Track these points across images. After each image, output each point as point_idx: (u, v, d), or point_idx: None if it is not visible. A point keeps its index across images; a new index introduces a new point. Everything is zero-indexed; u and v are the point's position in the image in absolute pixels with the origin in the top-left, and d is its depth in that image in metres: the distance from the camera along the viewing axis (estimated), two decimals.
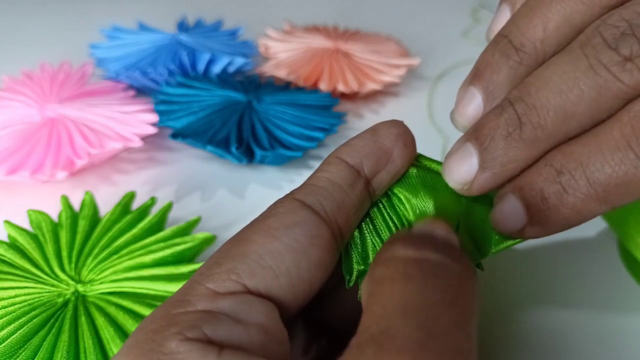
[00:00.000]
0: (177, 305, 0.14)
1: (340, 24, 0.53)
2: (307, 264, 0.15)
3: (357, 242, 0.18)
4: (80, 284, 0.24)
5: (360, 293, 0.16)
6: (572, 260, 0.29)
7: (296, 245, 0.15)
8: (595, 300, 0.27)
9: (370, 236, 0.18)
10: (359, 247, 0.18)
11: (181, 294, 0.15)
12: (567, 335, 0.25)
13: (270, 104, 0.37)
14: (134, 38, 0.45)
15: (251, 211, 0.32)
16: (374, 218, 0.18)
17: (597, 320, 0.26)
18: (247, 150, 0.34)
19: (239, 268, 0.15)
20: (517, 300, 0.27)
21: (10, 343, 0.21)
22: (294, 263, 0.15)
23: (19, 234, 0.26)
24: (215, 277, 0.15)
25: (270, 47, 0.47)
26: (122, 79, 0.40)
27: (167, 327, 0.14)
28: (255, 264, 0.15)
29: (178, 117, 0.36)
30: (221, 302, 0.14)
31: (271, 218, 0.16)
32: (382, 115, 0.43)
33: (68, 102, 0.36)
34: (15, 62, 0.46)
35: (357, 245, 0.18)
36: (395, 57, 0.46)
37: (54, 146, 0.32)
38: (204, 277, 0.15)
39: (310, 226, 0.16)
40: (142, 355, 0.13)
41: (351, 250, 0.18)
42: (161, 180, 0.35)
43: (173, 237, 0.26)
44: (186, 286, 0.15)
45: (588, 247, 0.29)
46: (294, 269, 0.15)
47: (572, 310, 0.26)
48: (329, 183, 0.17)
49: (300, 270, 0.15)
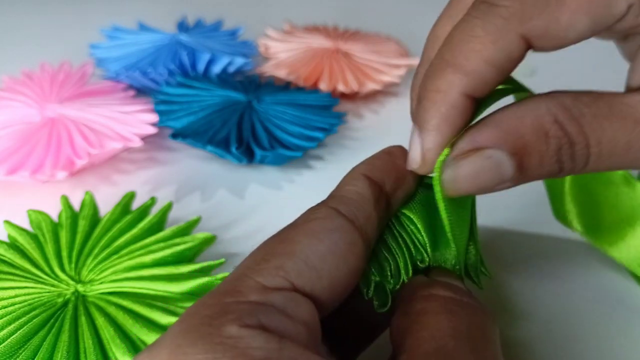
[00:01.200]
0: (229, 294, 0.15)
1: (340, 24, 0.53)
2: (346, 269, 0.16)
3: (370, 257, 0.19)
4: (80, 284, 0.24)
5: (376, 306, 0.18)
6: (572, 260, 0.29)
7: (336, 250, 0.16)
8: (595, 299, 0.27)
9: (384, 251, 0.19)
10: (374, 260, 0.19)
11: (230, 285, 0.15)
12: (566, 335, 0.25)
13: (270, 104, 0.37)
14: (134, 38, 0.46)
15: (251, 211, 0.32)
16: (385, 233, 0.19)
17: (597, 320, 0.26)
18: (247, 150, 0.34)
19: (286, 266, 0.15)
20: (516, 301, 0.27)
21: (10, 343, 0.21)
22: (334, 266, 0.16)
23: (19, 234, 0.26)
24: (264, 272, 0.15)
25: (270, 47, 0.47)
26: (122, 79, 0.40)
27: (223, 313, 0.14)
28: (302, 263, 0.16)
29: (178, 117, 0.36)
30: (272, 296, 0.15)
31: (312, 222, 0.17)
32: (382, 115, 0.43)
33: (68, 102, 0.36)
34: (15, 62, 0.46)
35: (372, 259, 0.19)
36: (395, 57, 0.46)
37: (54, 146, 0.32)
38: (253, 271, 0.15)
39: (347, 233, 0.16)
40: (201, 338, 0.13)
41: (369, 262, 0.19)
42: (161, 180, 0.35)
43: (173, 237, 0.26)
44: (234, 277, 0.15)
45: (588, 247, 0.29)
46: (335, 272, 0.16)
47: (572, 310, 0.26)
48: (359, 196, 0.18)
49: (340, 274, 0.16)
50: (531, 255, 0.29)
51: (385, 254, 0.19)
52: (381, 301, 0.18)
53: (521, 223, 0.31)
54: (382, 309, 0.18)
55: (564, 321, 0.26)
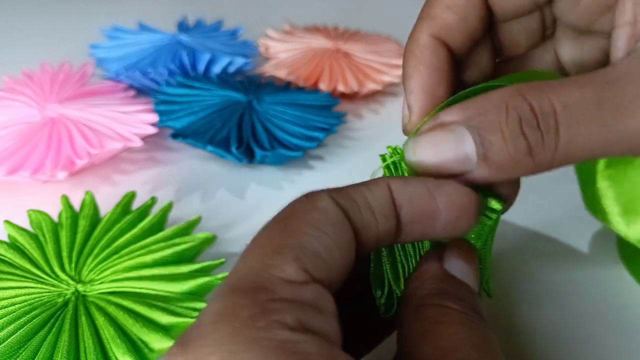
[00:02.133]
0: (260, 291, 0.14)
1: (340, 24, 0.53)
2: (347, 262, 0.16)
3: (387, 262, 0.19)
4: (81, 283, 0.24)
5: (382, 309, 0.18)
6: (571, 261, 0.29)
7: (340, 243, 0.16)
8: (594, 299, 0.27)
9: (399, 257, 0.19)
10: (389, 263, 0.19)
11: (254, 281, 0.14)
12: (566, 335, 0.25)
13: (270, 104, 0.37)
14: (134, 38, 0.46)
15: (251, 211, 0.32)
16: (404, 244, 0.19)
17: (596, 320, 0.26)
18: (247, 150, 0.34)
19: (303, 259, 0.15)
20: (516, 301, 0.27)
21: (10, 343, 0.21)
22: (339, 259, 0.16)
23: (19, 234, 0.26)
24: (283, 266, 0.14)
25: (270, 47, 0.47)
26: (122, 79, 0.40)
27: (265, 314, 0.13)
28: (315, 256, 0.15)
29: (178, 117, 0.36)
30: (301, 292, 0.14)
31: (314, 212, 0.16)
32: (382, 115, 0.43)
33: (68, 102, 0.36)
34: (16, 62, 0.46)
35: (387, 265, 0.18)
36: (395, 57, 0.46)
37: (54, 146, 0.32)
38: (269, 265, 0.14)
39: (347, 229, 0.16)
40: (254, 342, 0.13)
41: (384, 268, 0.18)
42: (161, 180, 0.35)
43: (173, 237, 0.26)
44: (252, 272, 0.14)
45: (588, 247, 0.29)
46: (340, 265, 0.16)
47: (572, 310, 0.26)
48: (365, 203, 0.16)
49: (343, 267, 0.16)
50: (531, 256, 0.29)
51: (401, 258, 0.19)
52: (387, 306, 0.18)
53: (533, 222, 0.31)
54: (387, 314, 0.18)
55: (564, 320, 0.26)
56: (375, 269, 0.18)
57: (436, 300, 0.17)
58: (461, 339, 0.16)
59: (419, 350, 0.16)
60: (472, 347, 0.15)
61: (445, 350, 0.15)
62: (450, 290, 0.17)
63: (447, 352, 0.15)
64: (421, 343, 0.16)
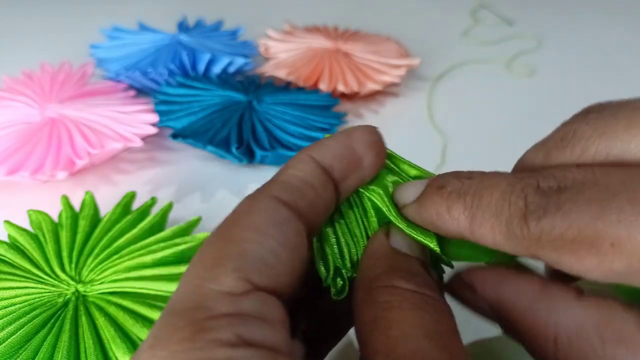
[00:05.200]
0: (197, 311, 0.14)
1: (340, 24, 0.53)
2: (299, 259, 0.16)
3: (331, 242, 0.18)
4: (81, 284, 0.24)
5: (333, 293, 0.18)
6: None
7: (287, 243, 0.15)
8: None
9: (344, 237, 0.19)
10: (334, 246, 0.18)
11: (191, 300, 0.14)
12: None
13: (270, 104, 0.37)
14: (134, 38, 0.46)
15: None
16: (346, 218, 0.19)
17: None
18: (247, 150, 0.34)
19: (244, 267, 0.14)
20: None
21: (10, 343, 0.21)
22: (289, 259, 0.15)
23: (19, 234, 0.26)
24: (223, 279, 0.14)
25: (270, 47, 0.47)
26: (122, 79, 0.40)
27: (202, 332, 0.13)
28: (259, 262, 0.15)
29: (178, 117, 0.36)
30: (243, 304, 0.14)
31: (255, 215, 0.16)
32: (382, 115, 0.43)
33: (68, 102, 0.36)
34: (16, 62, 0.46)
35: (332, 245, 0.18)
36: (395, 57, 0.46)
37: (54, 146, 0.32)
38: (208, 280, 0.14)
39: (293, 223, 0.16)
40: None
41: (326, 248, 0.18)
42: (161, 180, 0.35)
43: (173, 237, 0.26)
44: (189, 291, 0.14)
45: None
46: (290, 265, 0.15)
47: None
48: (302, 182, 0.17)
49: (294, 265, 0.15)
50: None
51: (345, 240, 0.18)
52: (338, 288, 0.18)
53: None
54: (339, 297, 0.18)
55: None
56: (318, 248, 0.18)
57: (387, 280, 0.16)
58: (413, 327, 0.15)
59: (370, 341, 0.15)
60: (423, 336, 0.15)
61: (395, 341, 0.15)
62: (400, 267, 0.17)
63: (397, 342, 0.15)
64: (372, 332, 0.15)
